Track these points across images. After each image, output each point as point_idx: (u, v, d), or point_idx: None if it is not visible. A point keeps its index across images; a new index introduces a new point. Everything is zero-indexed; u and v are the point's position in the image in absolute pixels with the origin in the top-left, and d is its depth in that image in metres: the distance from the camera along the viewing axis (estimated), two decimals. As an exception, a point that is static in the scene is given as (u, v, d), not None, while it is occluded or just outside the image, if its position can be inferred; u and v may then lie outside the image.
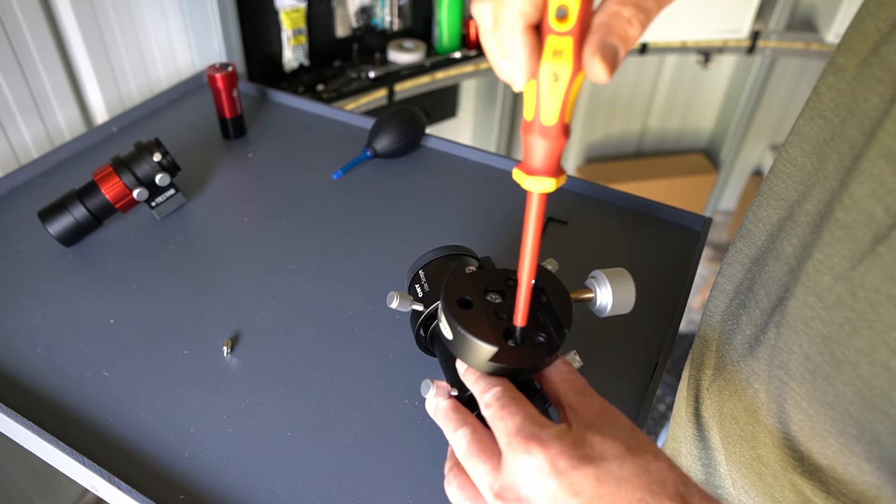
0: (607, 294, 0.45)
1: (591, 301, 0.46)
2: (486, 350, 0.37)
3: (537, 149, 0.30)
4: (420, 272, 0.53)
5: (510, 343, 0.38)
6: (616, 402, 0.36)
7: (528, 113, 0.30)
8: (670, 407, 1.69)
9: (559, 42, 0.27)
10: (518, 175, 0.31)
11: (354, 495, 0.49)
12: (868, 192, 0.34)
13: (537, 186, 0.31)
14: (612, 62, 0.27)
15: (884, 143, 0.33)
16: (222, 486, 0.49)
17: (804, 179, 0.43)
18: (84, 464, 0.49)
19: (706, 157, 2.14)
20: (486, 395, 0.36)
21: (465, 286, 0.41)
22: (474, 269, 0.42)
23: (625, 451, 0.32)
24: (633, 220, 0.77)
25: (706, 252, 2.05)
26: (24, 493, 1.13)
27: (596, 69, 0.27)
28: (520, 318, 0.38)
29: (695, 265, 0.69)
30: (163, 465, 0.50)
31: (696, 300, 1.91)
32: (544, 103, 0.29)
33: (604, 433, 0.33)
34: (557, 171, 0.31)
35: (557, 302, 0.40)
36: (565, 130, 0.29)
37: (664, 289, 0.67)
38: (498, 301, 0.41)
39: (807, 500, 0.43)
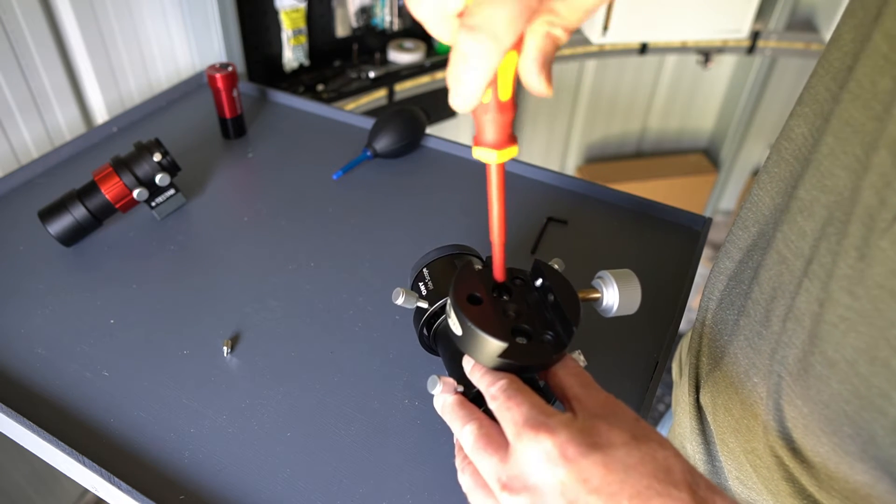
0: (614, 294, 0.46)
1: (598, 301, 0.47)
2: (495, 346, 0.37)
3: (479, 122, 0.32)
4: (424, 270, 0.53)
5: (518, 340, 0.38)
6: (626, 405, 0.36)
7: None
8: (670, 407, 1.69)
9: None
10: (472, 147, 0.34)
11: (354, 495, 0.49)
12: (867, 184, 0.33)
13: (483, 156, 0.33)
14: (550, 78, 0.30)
15: (889, 133, 0.32)
16: (222, 486, 0.49)
17: (801, 159, 0.42)
18: (84, 464, 0.49)
19: (706, 157, 2.14)
20: (493, 387, 0.37)
21: (474, 283, 0.41)
22: (481, 267, 0.43)
23: (631, 438, 0.32)
24: (633, 220, 0.77)
25: (706, 252, 2.05)
26: (24, 493, 1.13)
27: (541, 88, 0.30)
28: (498, 274, 0.40)
29: (695, 265, 0.69)
30: (163, 465, 0.50)
31: (695, 300, 1.90)
32: None
33: (610, 422, 0.33)
34: (503, 143, 0.33)
35: (565, 301, 0.40)
36: (501, 106, 0.32)
37: (664, 289, 0.67)
38: (505, 299, 0.41)
39: (802, 489, 0.43)
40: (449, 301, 0.41)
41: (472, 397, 0.41)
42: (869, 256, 0.33)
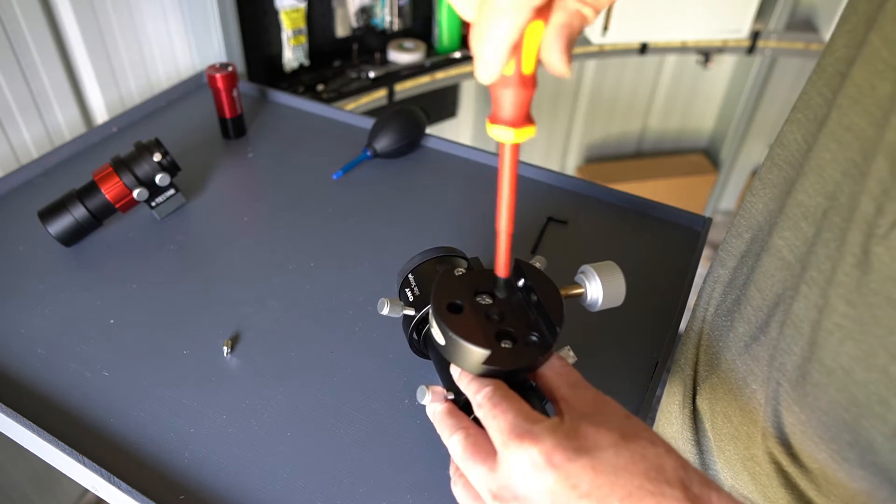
0: (597, 288, 0.45)
1: (582, 296, 0.46)
2: (478, 354, 0.37)
3: (498, 97, 0.31)
4: (409, 276, 0.52)
5: (503, 345, 0.38)
6: (616, 401, 0.36)
7: None
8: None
9: None
10: (487, 125, 0.32)
11: (354, 495, 0.49)
12: (865, 191, 0.33)
13: (499, 135, 0.32)
14: (570, 59, 0.29)
15: (887, 140, 0.32)
16: (222, 486, 0.49)
17: (796, 165, 0.42)
18: (84, 464, 0.49)
19: (706, 157, 2.14)
20: (478, 395, 0.36)
21: (454, 289, 0.40)
22: (463, 270, 0.42)
23: (619, 438, 0.32)
24: (633, 220, 0.77)
25: (706, 252, 2.05)
26: (24, 493, 1.13)
27: (561, 66, 0.29)
28: (501, 269, 0.38)
29: (695, 265, 0.69)
30: (163, 465, 0.50)
31: (695, 300, 1.90)
32: None
33: (597, 423, 0.33)
34: (521, 121, 0.31)
35: (548, 300, 0.40)
36: (523, 80, 0.30)
37: (664, 289, 0.67)
38: (489, 302, 0.40)
39: (801, 495, 0.43)
40: (430, 311, 0.40)
41: (463, 404, 0.41)
42: (866, 263, 0.32)
